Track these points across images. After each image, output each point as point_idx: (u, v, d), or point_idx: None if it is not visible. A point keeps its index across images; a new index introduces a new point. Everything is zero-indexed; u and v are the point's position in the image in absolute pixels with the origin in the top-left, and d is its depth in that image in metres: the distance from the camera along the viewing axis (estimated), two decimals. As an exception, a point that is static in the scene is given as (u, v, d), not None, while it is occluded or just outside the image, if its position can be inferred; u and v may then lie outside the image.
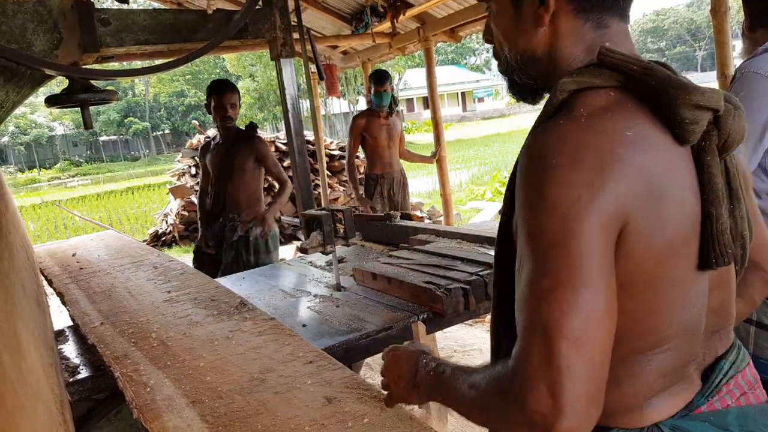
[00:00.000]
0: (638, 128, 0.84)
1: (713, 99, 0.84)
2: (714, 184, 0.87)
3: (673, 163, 0.86)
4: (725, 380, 0.97)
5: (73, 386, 1.64)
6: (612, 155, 0.81)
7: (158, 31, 2.18)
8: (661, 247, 0.84)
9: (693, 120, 0.84)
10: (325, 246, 2.27)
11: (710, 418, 0.93)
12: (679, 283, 0.88)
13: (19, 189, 33.11)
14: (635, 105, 0.87)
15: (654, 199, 0.82)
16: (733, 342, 1.03)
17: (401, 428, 1.07)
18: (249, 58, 32.55)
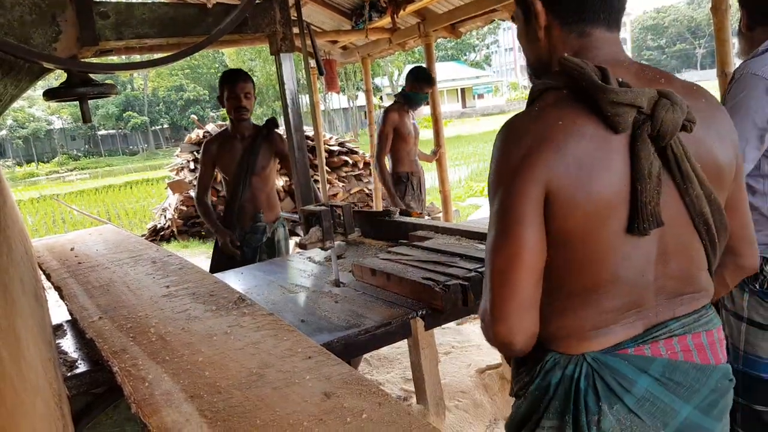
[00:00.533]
0: (571, 119, 1.07)
1: (629, 98, 1.04)
2: (640, 164, 1.06)
3: (606, 147, 1.07)
4: (667, 336, 1.15)
5: (71, 381, 1.64)
6: (544, 139, 1.06)
7: (157, 25, 2.17)
8: (588, 211, 1.06)
9: (615, 113, 1.05)
10: (324, 242, 2.27)
11: (632, 359, 1.13)
12: (609, 242, 1.09)
13: (17, 183, 33.07)
14: (576, 102, 1.09)
15: (581, 175, 1.05)
16: (697, 309, 1.19)
17: (400, 423, 1.07)
18: (248, 53, 32.50)
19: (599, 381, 1.13)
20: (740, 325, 1.85)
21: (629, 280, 1.12)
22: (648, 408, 1.13)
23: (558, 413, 1.16)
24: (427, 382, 2.41)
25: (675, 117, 1.06)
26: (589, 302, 1.13)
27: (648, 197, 1.06)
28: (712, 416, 1.18)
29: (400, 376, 3.85)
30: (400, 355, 4.09)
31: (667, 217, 1.10)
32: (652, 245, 1.12)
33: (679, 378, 1.14)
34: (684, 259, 1.17)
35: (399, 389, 3.67)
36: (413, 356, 2.36)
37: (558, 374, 1.16)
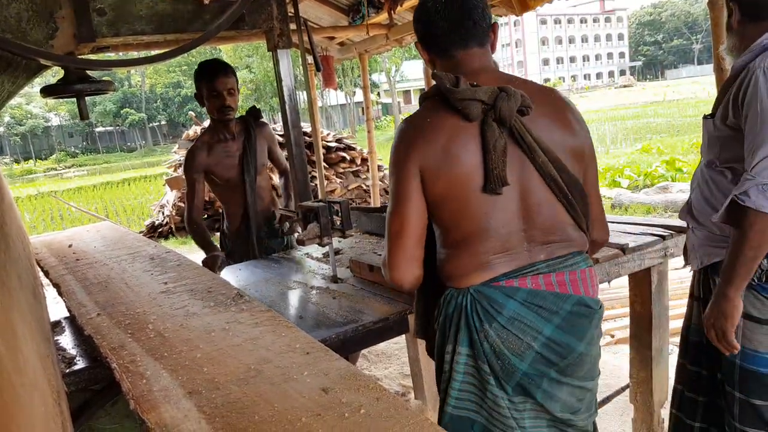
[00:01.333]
0: (437, 116, 1.50)
1: (470, 94, 1.45)
2: (486, 141, 1.44)
3: (463, 133, 1.47)
4: (534, 273, 1.51)
5: (69, 377, 1.64)
6: (417, 134, 1.51)
7: (154, 21, 2.17)
8: (451, 179, 1.46)
9: (463, 107, 1.45)
10: (322, 238, 2.27)
11: (503, 289, 1.50)
12: (471, 201, 1.48)
13: (15, 180, 33.03)
14: (442, 104, 1.50)
15: (444, 155, 1.46)
16: (564, 255, 1.55)
17: (397, 419, 1.08)
18: (245, 49, 32.46)
19: (479, 306, 1.50)
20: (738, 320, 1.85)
21: (495, 231, 1.49)
22: (517, 326, 1.49)
23: (454, 337, 1.54)
24: (425, 378, 2.41)
25: (510, 104, 1.44)
26: (468, 248, 1.51)
27: (493, 164, 1.44)
28: (573, 335, 1.52)
29: (398, 372, 3.85)
30: (398, 350, 4.10)
31: (524, 180, 1.49)
32: (512, 203, 1.50)
33: (540, 302, 1.50)
34: (547, 215, 1.53)
35: (397, 384, 3.68)
36: (411, 351, 2.36)
37: (453, 304, 1.54)
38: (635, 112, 29.02)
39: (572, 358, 1.53)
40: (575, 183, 1.53)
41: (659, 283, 2.46)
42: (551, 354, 1.51)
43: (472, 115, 1.45)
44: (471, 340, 1.51)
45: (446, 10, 1.54)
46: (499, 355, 1.49)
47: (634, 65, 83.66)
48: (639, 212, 7.83)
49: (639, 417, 2.68)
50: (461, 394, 1.56)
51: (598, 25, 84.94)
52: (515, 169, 1.48)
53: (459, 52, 1.56)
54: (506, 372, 1.50)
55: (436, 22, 1.55)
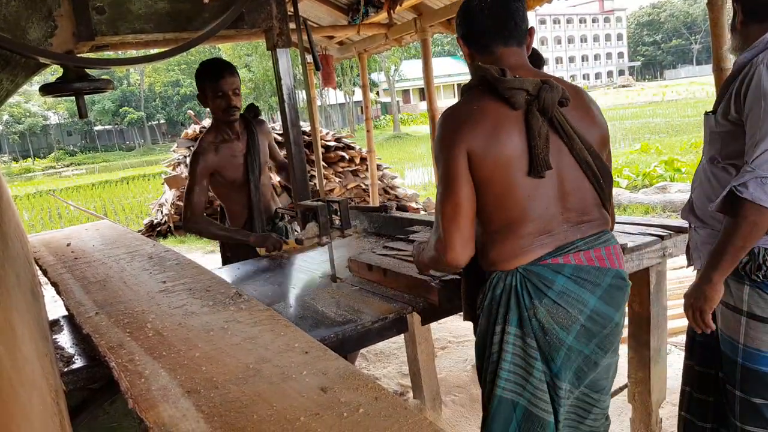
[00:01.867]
0: (482, 104, 1.60)
1: (517, 84, 1.56)
2: (531, 128, 1.56)
3: (508, 120, 1.58)
4: (575, 251, 1.63)
5: (68, 376, 1.64)
6: (464, 119, 1.60)
7: (154, 20, 2.17)
8: (496, 162, 1.56)
9: (509, 95, 1.56)
10: (321, 237, 2.27)
11: (550, 266, 1.62)
12: (515, 184, 1.58)
13: (13, 178, 32.99)
14: (487, 93, 1.61)
15: (489, 140, 1.56)
16: (597, 233, 1.68)
17: (395, 417, 1.08)
18: (244, 48, 32.46)
19: (529, 283, 1.61)
20: (740, 319, 1.85)
21: (537, 213, 1.61)
22: (566, 299, 1.60)
23: (504, 317, 1.63)
24: (424, 377, 2.41)
25: (552, 95, 1.57)
26: (512, 232, 1.62)
27: (539, 149, 1.55)
28: (612, 306, 1.66)
29: (396, 371, 3.85)
30: (397, 350, 4.10)
31: (561, 166, 1.62)
32: (551, 187, 1.62)
33: (585, 276, 1.63)
34: (579, 197, 1.66)
35: (396, 384, 3.68)
36: (410, 351, 2.37)
37: (501, 286, 1.64)
38: (634, 112, 29.03)
39: (610, 328, 1.67)
40: (606, 168, 1.69)
41: (658, 283, 2.46)
42: (593, 325, 1.64)
43: (518, 103, 1.56)
44: (521, 318, 1.61)
45: (491, 10, 1.66)
46: (547, 330, 1.60)
47: (633, 65, 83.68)
48: (637, 212, 7.83)
49: (637, 417, 2.68)
50: (510, 375, 1.64)
51: (597, 25, 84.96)
52: (554, 156, 1.61)
53: (500, 49, 1.68)
54: (553, 347, 1.61)
55: (481, 21, 1.68)
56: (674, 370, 3.34)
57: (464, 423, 3.07)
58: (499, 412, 1.64)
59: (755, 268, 1.79)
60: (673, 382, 3.14)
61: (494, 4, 1.67)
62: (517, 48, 1.70)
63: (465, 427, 3.04)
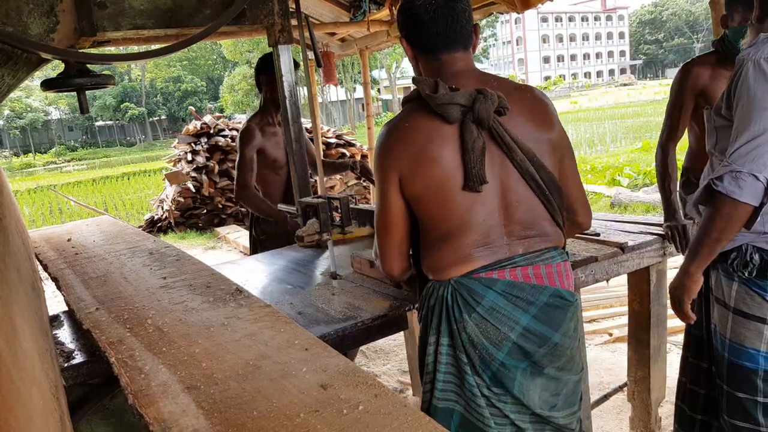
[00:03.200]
0: (416, 120, 1.58)
1: (447, 99, 1.52)
2: (465, 142, 1.52)
3: (441, 135, 1.54)
4: (512, 266, 1.58)
5: (68, 371, 1.64)
6: (393, 140, 1.60)
7: (155, 16, 2.17)
8: (429, 180, 1.54)
9: (442, 111, 1.52)
10: (322, 234, 2.27)
11: (482, 280, 1.57)
12: (451, 198, 1.55)
13: (14, 173, 33.01)
14: (421, 108, 1.58)
15: (420, 158, 1.54)
16: (541, 249, 1.62)
17: (395, 415, 1.08)
18: (246, 45, 32.41)
19: (459, 297, 1.58)
20: (727, 314, 1.88)
21: (476, 225, 1.57)
22: (495, 316, 1.56)
23: (437, 328, 1.62)
24: (424, 375, 2.41)
25: (487, 106, 1.51)
26: (449, 242, 1.59)
27: (472, 164, 1.51)
28: (549, 326, 1.59)
29: (396, 368, 3.86)
30: (397, 347, 4.10)
31: (505, 177, 1.57)
32: (492, 199, 1.57)
33: (517, 293, 1.57)
34: (525, 211, 1.60)
35: (395, 381, 3.68)
36: (409, 348, 2.37)
37: (435, 296, 1.62)
38: (635, 111, 29.01)
39: (547, 347, 1.59)
40: (552, 179, 1.61)
41: (658, 281, 2.47)
42: (527, 344, 1.57)
43: (451, 118, 1.53)
44: (451, 330, 1.59)
45: (435, 14, 1.58)
46: (476, 345, 1.56)
47: (635, 64, 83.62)
48: (638, 211, 7.83)
49: (636, 415, 2.69)
50: (445, 385, 1.62)
51: (599, 23, 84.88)
52: (495, 167, 1.56)
53: (443, 55, 1.63)
54: (483, 361, 1.57)
55: (424, 24, 1.60)
56: (674, 369, 3.34)
57: (463, 420, 3.07)
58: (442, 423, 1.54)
59: (742, 265, 1.81)
60: (673, 381, 3.14)
61: (439, 6, 1.58)
62: (462, 52, 1.63)
63: (464, 424, 3.04)
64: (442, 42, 1.61)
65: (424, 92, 1.55)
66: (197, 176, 9.26)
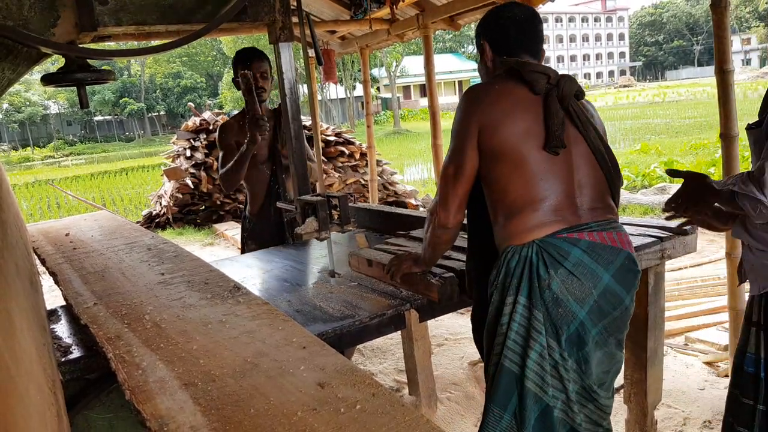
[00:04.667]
0: (504, 85, 1.76)
1: (540, 68, 1.73)
2: (549, 109, 1.68)
3: (526, 101, 1.72)
4: (588, 230, 1.71)
5: (65, 366, 1.64)
6: (482, 95, 1.75)
7: (156, 12, 2.16)
8: (510, 136, 1.69)
9: (531, 79, 1.71)
10: (320, 232, 2.27)
11: (566, 239, 1.69)
12: (530, 160, 1.69)
13: (13, 167, 32.94)
14: (511, 78, 1.77)
15: (504, 115, 1.70)
16: (608, 219, 1.77)
17: (392, 414, 1.08)
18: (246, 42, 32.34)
19: (545, 254, 1.67)
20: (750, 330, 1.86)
21: (551, 193, 1.70)
22: (581, 270, 1.66)
23: (516, 289, 1.69)
24: (420, 374, 2.41)
25: (571, 86, 1.72)
26: (526, 207, 1.69)
27: (554, 127, 1.66)
28: (623, 285, 1.73)
29: (393, 367, 3.86)
30: (394, 346, 4.10)
31: (576, 154, 1.73)
32: (565, 171, 1.71)
33: (599, 251, 1.69)
34: (591, 186, 1.76)
35: (392, 380, 3.68)
36: (406, 347, 2.37)
37: (516, 258, 1.70)
38: (634, 113, 29.02)
39: (620, 310, 1.74)
40: (615, 161, 1.79)
41: (656, 284, 2.47)
42: (606, 303, 1.70)
43: (539, 87, 1.70)
44: (530, 290, 1.68)
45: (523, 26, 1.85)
46: (560, 302, 1.66)
47: (634, 65, 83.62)
48: (636, 213, 7.83)
49: (632, 418, 2.69)
50: (514, 345, 1.71)
51: (599, 24, 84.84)
52: (569, 143, 1.70)
53: (524, 57, 1.84)
54: (564, 320, 1.66)
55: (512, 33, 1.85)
56: (670, 371, 3.35)
57: (459, 420, 3.08)
58: (503, 383, 1.70)
59: None
60: (669, 383, 3.15)
61: (525, 21, 1.84)
62: (535, 60, 1.84)
63: (460, 424, 3.04)
64: (525, 50, 1.85)
65: (517, 61, 1.75)
66: (196, 172, 9.25)
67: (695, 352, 3.65)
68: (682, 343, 3.81)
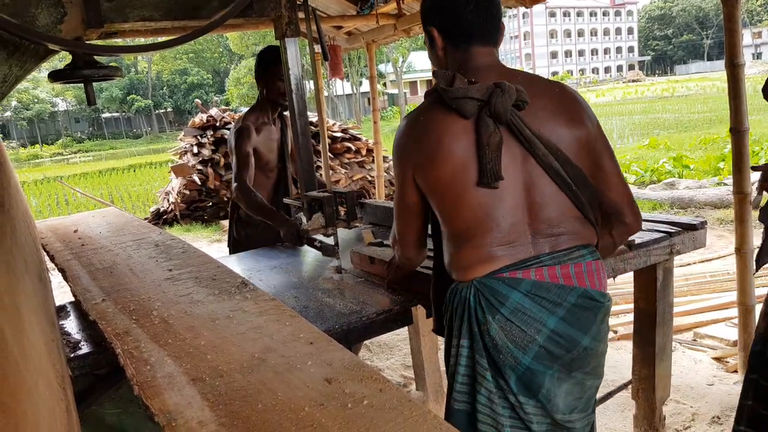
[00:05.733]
0: (431, 115, 1.55)
1: (462, 93, 1.48)
2: (480, 137, 1.47)
3: (457, 128, 1.50)
4: (538, 265, 1.51)
5: (74, 362, 1.65)
6: (408, 134, 1.59)
7: (163, 8, 2.16)
8: (443, 174, 1.51)
9: (457, 105, 1.48)
10: (327, 228, 2.27)
11: (506, 280, 1.50)
12: (468, 193, 1.50)
13: (21, 164, 33.12)
14: (439, 102, 1.53)
15: (434, 152, 1.51)
16: (569, 248, 1.54)
17: (399, 409, 1.08)
18: (252, 37, 32.37)
19: (482, 298, 1.51)
20: None
21: (497, 223, 1.51)
22: (521, 317, 1.49)
23: (458, 330, 1.57)
24: (427, 369, 2.41)
25: (504, 100, 1.45)
26: (470, 241, 1.53)
27: (487, 159, 1.45)
28: (577, 327, 1.52)
29: (400, 363, 3.86)
30: (401, 341, 4.10)
31: (528, 173, 1.51)
32: (515, 196, 1.51)
33: (544, 294, 1.50)
34: (552, 208, 1.53)
35: (399, 376, 3.69)
36: (413, 343, 2.37)
37: (458, 297, 1.57)
38: (643, 107, 28.87)
39: (577, 351, 1.53)
40: (579, 174, 1.53)
41: (664, 280, 2.46)
42: (555, 347, 1.50)
43: (467, 112, 1.48)
44: (471, 333, 1.54)
45: (476, 5, 1.58)
46: (500, 348, 1.50)
47: (643, 60, 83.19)
48: (645, 208, 7.80)
49: (640, 413, 2.68)
50: (462, 387, 1.59)
51: (608, 18, 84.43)
52: (517, 163, 1.50)
53: (474, 47, 1.60)
54: (508, 365, 1.51)
55: (463, 17, 1.58)
56: (679, 367, 3.34)
57: (467, 416, 3.07)
58: (456, 423, 1.58)
59: None
60: (677, 379, 3.14)
61: (479, 2, 1.58)
62: (492, 47, 1.62)
63: (468, 419, 3.04)
64: (478, 34, 1.59)
65: (440, 86, 1.52)
66: (203, 169, 9.28)
67: (704, 347, 3.64)
68: (691, 338, 3.79)
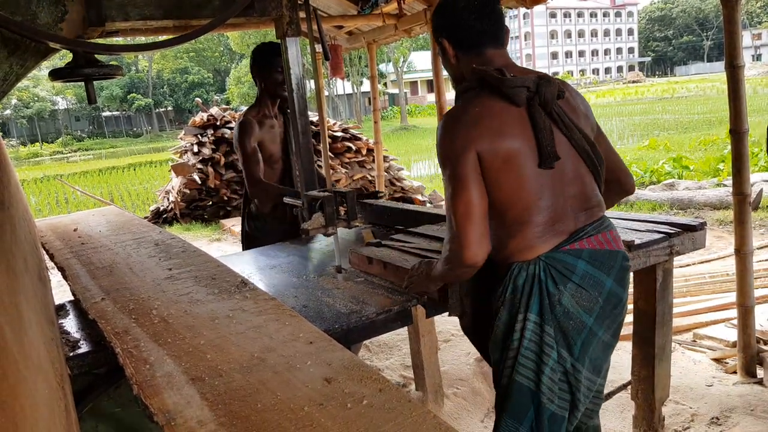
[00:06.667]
0: (485, 104, 1.66)
1: (518, 82, 1.63)
2: (536, 123, 1.63)
3: (511, 116, 1.64)
4: (585, 236, 1.71)
5: (73, 360, 1.65)
6: (470, 121, 1.65)
7: (164, 7, 2.16)
8: (510, 155, 1.62)
9: (512, 93, 1.63)
10: (327, 228, 2.27)
11: (570, 251, 1.69)
12: (528, 177, 1.64)
13: (21, 162, 33.10)
14: (486, 92, 1.68)
15: (498, 138, 1.62)
16: (599, 219, 1.77)
17: (399, 410, 1.08)
18: (253, 36, 32.34)
19: (553, 270, 1.67)
20: None
21: (549, 203, 1.68)
22: (588, 281, 1.68)
23: (527, 305, 1.68)
24: (427, 370, 2.41)
25: (551, 89, 1.65)
26: (527, 223, 1.67)
27: (546, 142, 1.63)
28: (621, 285, 1.76)
29: (399, 363, 3.86)
30: (400, 341, 4.10)
31: (563, 155, 1.67)
32: (558, 178, 1.68)
33: (600, 259, 1.71)
34: (580, 184, 1.74)
35: (398, 376, 3.69)
36: (413, 343, 2.37)
37: (523, 275, 1.69)
38: (643, 108, 28.88)
39: (620, 307, 1.77)
40: (600, 156, 1.77)
41: (664, 280, 2.45)
42: (608, 306, 1.72)
43: (521, 100, 1.64)
44: (541, 306, 1.67)
45: (481, 11, 1.73)
46: (571, 315, 1.67)
47: (643, 61, 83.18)
48: (644, 209, 7.80)
49: (640, 414, 2.68)
50: (525, 360, 1.71)
51: (608, 19, 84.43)
52: (561, 146, 1.68)
53: (488, 51, 1.75)
54: (575, 330, 1.68)
55: (470, 25, 1.74)
56: (678, 368, 3.34)
57: (466, 416, 3.08)
58: (517, 397, 1.71)
59: None
60: (677, 380, 3.14)
61: (483, 6, 1.73)
62: (502, 48, 1.78)
63: (467, 419, 3.04)
64: (487, 38, 1.75)
65: (493, 77, 1.65)
66: (203, 168, 9.28)
67: (703, 348, 3.64)
68: (690, 339, 3.79)
